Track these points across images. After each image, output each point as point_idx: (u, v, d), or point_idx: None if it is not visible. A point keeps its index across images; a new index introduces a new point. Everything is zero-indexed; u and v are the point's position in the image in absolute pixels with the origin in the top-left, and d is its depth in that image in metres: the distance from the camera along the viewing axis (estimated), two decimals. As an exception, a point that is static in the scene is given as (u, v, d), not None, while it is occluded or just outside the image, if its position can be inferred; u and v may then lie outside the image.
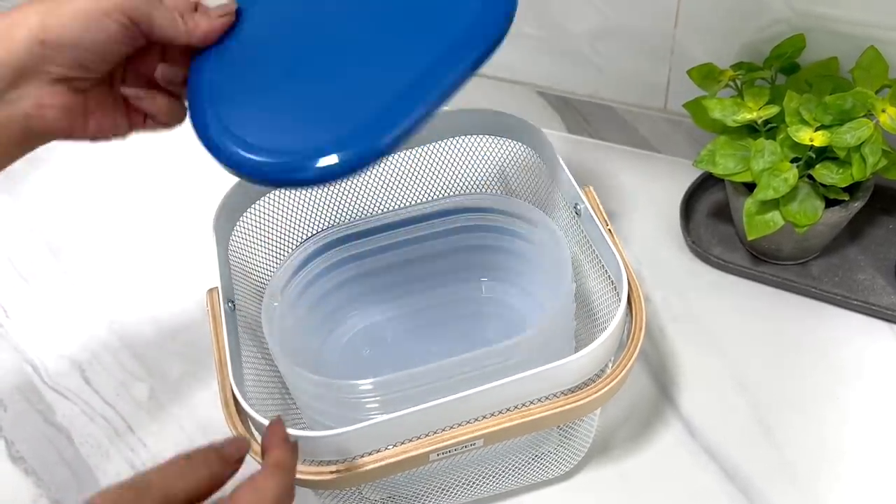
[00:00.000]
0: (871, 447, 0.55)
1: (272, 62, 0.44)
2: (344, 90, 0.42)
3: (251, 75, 0.43)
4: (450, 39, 0.43)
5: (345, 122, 0.41)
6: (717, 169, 0.59)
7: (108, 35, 0.40)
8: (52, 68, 0.40)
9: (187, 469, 0.36)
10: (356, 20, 0.45)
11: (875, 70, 0.56)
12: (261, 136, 0.41)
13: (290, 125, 0.41)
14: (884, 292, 0.61)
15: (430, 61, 0.42)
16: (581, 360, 0.44)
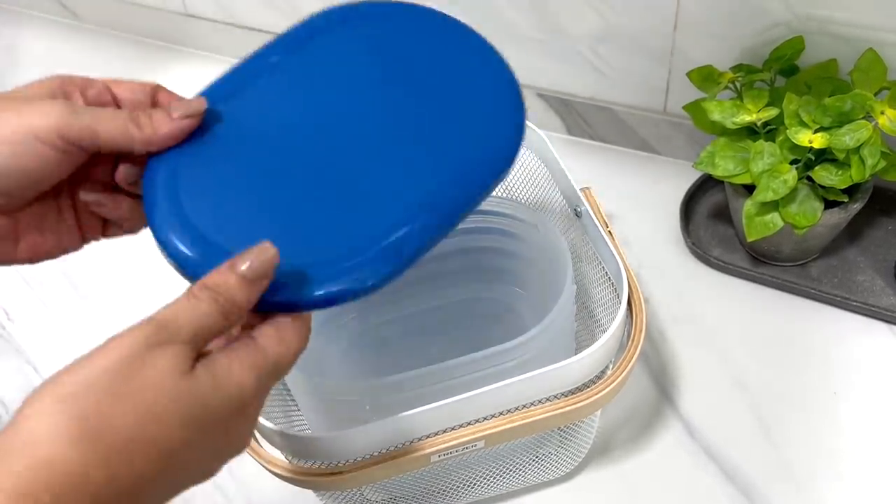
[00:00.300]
0: (871, 447, 0.55)
1: (245, 160, 0.37)
2: (327, 211, 0.36)
3: (219, 177, 0.37)
4: (455, 166, 0.38)
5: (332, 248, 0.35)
6: (716, 171, 0.59)
7: (41, 162, 0.33)
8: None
9: (204, 307, 0.31)
10: (352, 129, 0.38)
11: (874, 72, 0.57)
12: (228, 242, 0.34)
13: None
14: (883, 293, 0.62)
15: (430, 190, 0.37)
16: (582, 362, 0.44)
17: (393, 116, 0.39)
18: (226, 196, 0.36)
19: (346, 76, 0.40)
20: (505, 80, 0.40)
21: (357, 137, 0.38)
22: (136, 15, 0.92)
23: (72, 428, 0.27)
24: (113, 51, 0.94)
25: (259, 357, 0.31)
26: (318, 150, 0.38)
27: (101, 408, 0.28)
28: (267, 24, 0.85)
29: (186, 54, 0.92)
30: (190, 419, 0.29)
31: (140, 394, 0.29)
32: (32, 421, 0.28)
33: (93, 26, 0.96)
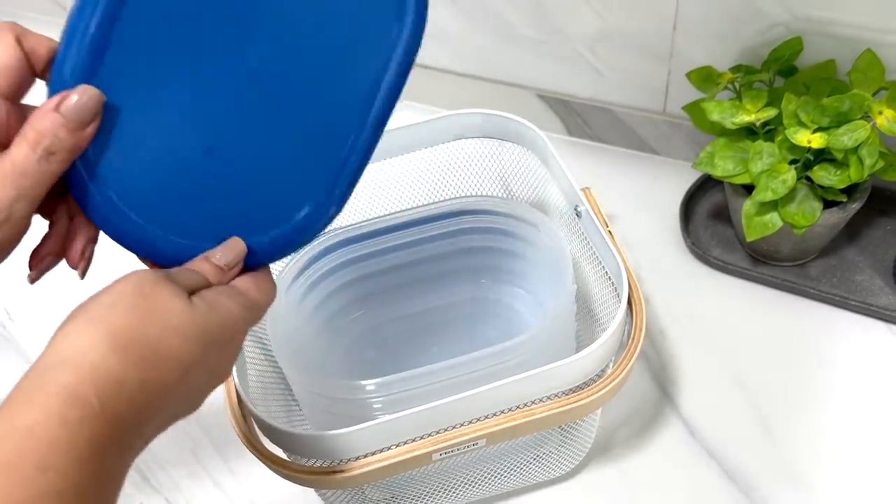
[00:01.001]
0: (870, 446, 0.55)
1: (155, 142, 0.35)
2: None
3: (144, 166, 0.35)
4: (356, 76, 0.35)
5: None
6: (715, 171, 0.59)
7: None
8: None
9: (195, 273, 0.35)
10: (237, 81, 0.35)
11: (872, 73, 0.57)
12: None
13: None
14: (882, 293, 0.62)
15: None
16: (582, 360, 0.45)
17: (273, 48, 0.36)
18: (161, 184, 0.36)
19: (206, 16, 0.36)
20: None
21: (243, 80, 0.36)
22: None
23: (107, 340, 0.31)
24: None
25: (241, 296, 0.35)
26: (223, 108, 0.36)
27: (129, 323, 0.31)
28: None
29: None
30: (197, 337, 0.33)
31: (159, 312, 0.32)
32: (71, 338, 0.31)
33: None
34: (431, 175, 0.60)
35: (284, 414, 0.51)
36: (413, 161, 0.59)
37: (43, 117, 0.32)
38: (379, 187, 0.61)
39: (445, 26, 0.74)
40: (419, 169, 0.60)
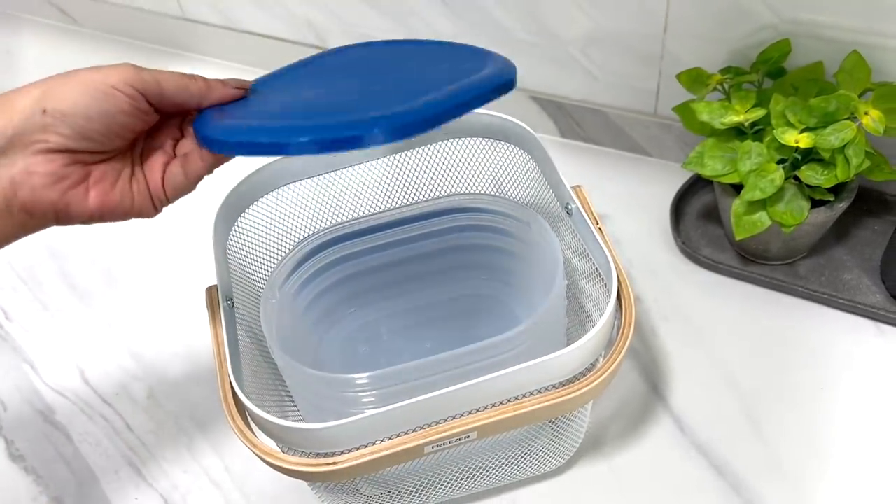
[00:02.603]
0: (858, 442, 0.56)
1: (281, 103, 0.46)
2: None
3: (263, 106, 0.45)
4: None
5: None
6: (705, 170, 0.60)
7: (115, 107, 0.40)
8: (51, 137, 0.38)
9: None
10: (369, 81, 0.47)
11: (858, 74, 0.58)
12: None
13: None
14: (869, 291, 0.63)
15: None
16: (572, 354, 0.45)
17: (402, 67, 0.47)
18: (263, 108, 0.45)
19: (358, 64, 0.49)
20: (494, 56, 0.48)
21: (373, 79, 0.47)
22: (134, 19, 0.93)
23: None
24: (111, 55, 0.94)
25: None
26: (340, 88, 0.46)
27: None
28: (263, 27, 0.86)
29: (184, 58, 0.93)
30: None
31: None
32: None
33: (91, 31, 0.97)
34: (426, 173, 0.61)
35: (278, 408, 0.52)
36: (408, 160, 0.60)
37: None
38: (373, 185, 0.61)
39: (439, 28, 0.75)
40: (414, 167, 0.61)
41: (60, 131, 0.39)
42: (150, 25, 0.92)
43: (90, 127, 0.39)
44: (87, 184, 0.41)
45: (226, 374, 0.47)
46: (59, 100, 0.38)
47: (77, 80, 0.39)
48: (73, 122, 0.39)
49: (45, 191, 0.39)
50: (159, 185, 0.44)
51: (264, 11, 0.84)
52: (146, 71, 0.41)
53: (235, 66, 0.90)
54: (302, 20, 0.83)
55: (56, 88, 0.39)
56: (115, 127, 0.40)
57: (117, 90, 0.39)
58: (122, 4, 0.92)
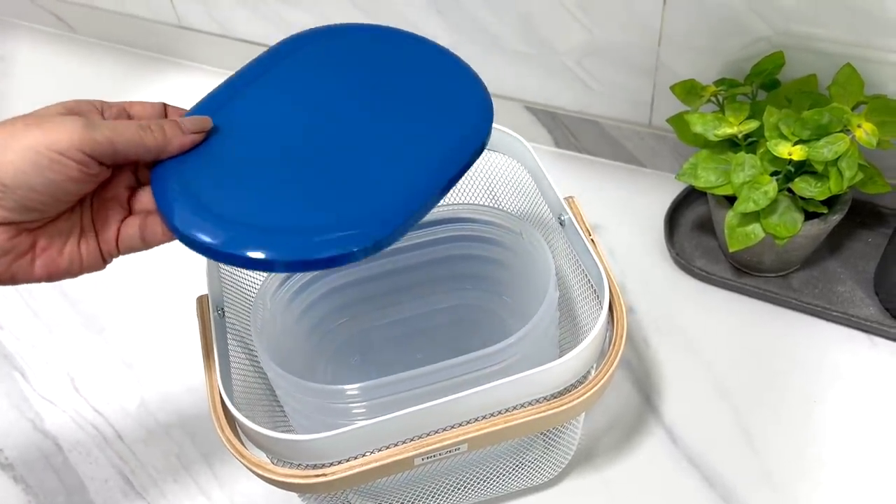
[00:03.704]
0: (850, 455, 0.56)
1: (247, 156, 0.42)
2: (332, 186, 0.41)
3: (225, 168, 0.42)
4: (433, 152, 0.44)
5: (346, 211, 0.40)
6: (698, 182, 0.60)
7: (62, 175, 0.36)
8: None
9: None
10: (337, 123, 0.44)
11: (851, 87, 0.58)
12: (244, 214, 0.39)
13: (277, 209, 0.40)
14: (862, 304, 0.63)
15: (415, 171, 0.43)
16: (563, 366, 0.45)
17: (373, 112, 0.45)
18: (230, 184, 0.41)
19: (325, 82, 0.46)
20: (468, 79, 0.47)
21: (343, 129, 0.44)
22: (130, 26, 0.93)
23: None
24: (107, 62, 0.95)
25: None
26: (307, 142, 0.43)
27: None
28: (259, 35, 0.86)
29: (180, 65, 0.93)
30: None
31: None
32: None
33: (87, 38, 0.98)
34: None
35: (269, 419, 0.52)
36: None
37: (166, 119, 0.41)
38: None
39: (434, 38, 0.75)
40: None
41: (3, 204, 0.35)
42: (146, 33, 0.93)
43: (34, 198, 0.36)
44: (34, 253, 0.38)
45: (215, 384, 0.46)
46: (0, 171, 0.35)
47: (20, 146, 0.35)
48: (15, 194, 0.35)
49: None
50: (112, 243, 0.41)
51: (260, 20, 0.84)
52: (96, 129, 0.37)
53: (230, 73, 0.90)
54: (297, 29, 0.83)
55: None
56: (61, 194, 0.37)
57: (65, 156, 0.35)
58: (118, 12, 0.92)
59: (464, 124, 0.45)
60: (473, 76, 0.48)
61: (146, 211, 0.41)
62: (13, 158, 0.35)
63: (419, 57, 0.48)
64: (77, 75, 0.94)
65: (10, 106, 0.92)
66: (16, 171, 0.35)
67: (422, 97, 0.46)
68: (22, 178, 0.35)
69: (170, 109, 0.43)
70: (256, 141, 0.43)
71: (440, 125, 0.45)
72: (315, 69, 0.47)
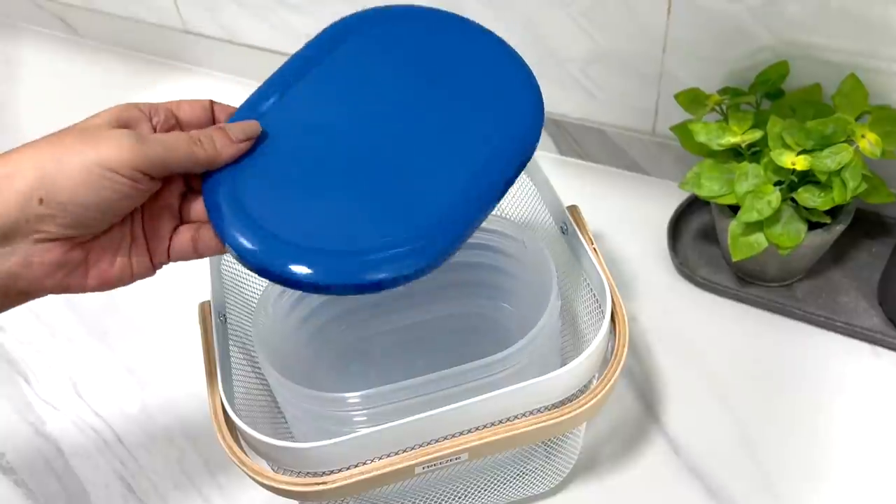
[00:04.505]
0: (853, 466, 0.55)
1: (295, 164, 0.42)
2: (384, 201, 0.41)
3: (275, 178, 0.41)
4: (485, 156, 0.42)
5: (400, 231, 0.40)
6: (702, 191, 0.60)
7: (116, 193, 0.36)
8: (49, 227, 0.36)
9: None
10: (388, 124, 0.43)
11: (855, 97, 0.58)
12: (305, 239, 0.39)
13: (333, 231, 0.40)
14: (866, 314, 0.62)
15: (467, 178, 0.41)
16: (565, 375, 0.45)
17: (423, 111, 0.43)
18: (281, 195, 0.41)
19: (375, 75, 0.44)
20: (520, 71, 0.45)
21: (393, 131, 0.42)
22: (135, 31, 0.93)
23: None
24: (112, 66, 0.95)
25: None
26: (356, 143, 0.42)
27: None
28: (264, 41, 0.86)
29: (185, 70, 0.93)
30: None
31: None
32: None
33: (92, 42, 0.98)
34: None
35: (270, 426, 0.52)
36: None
37: (214, 126, 0.41)
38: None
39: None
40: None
41: (59, 221, 0.36)
42: (152, 37, 0.93)
43: (88, 215, 0.36)
44: (87, 266, 0.38)
45: (216, 390, 0.46)
46: (55, 189, 0.35)
47: (73, 165, 0.35)
48: (71, 212, 0.36)
49: (44, 279, 0.37)
50: (164, 251, 0.41)
51: (265, 25, 0.84)
52: (149, 144, 0.37)
53: (235, 78, 0.90)
54: (302, 34, 0.83)
55: (51, 174, 0.35)
56: (113, 210, 0.37)
57: (118, 174, 0.36)
58: (123, 16, 0.93)
59: (516, 126, 0.43)
60: (527, 71, 0.46)
61: (199, 221, 0.41)
62: (68, 177, 0.35)
63: (469, 44, 0.46)
64: (82, 79, 0.94)
65: (16, 109, 0.92)
66: (72, 190, 0.35)
67: (474, 93, 0.44)
68: (78, 197, 0.35)
69: (217, 108, 0.43)
70: (305, 143, 0.42)
71: (493, 127, 0.43)
72: (363, 60, 0.45)
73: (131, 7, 0.91)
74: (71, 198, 0.35)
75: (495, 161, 0.42)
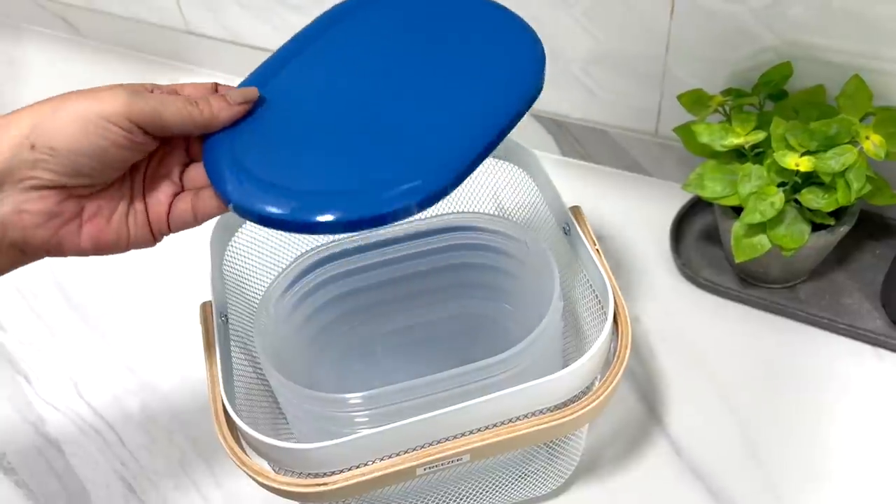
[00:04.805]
0: (856, 468, 0.55)
1: (296, 124, 0.43)
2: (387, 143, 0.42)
3: (276, 138, 0.42)
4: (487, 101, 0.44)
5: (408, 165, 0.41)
6: (705, 192, 0.60)
7: (109, 141, 0.37)
8: (41, 174, 0.36)
9: None
10: (388, 84, 0.44)
11: (859, 98, 0.58)
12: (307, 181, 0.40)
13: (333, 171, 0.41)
14: (869, 316, 0.62)
15: (469, 119, 0.43)
16: (568, 377, 0.45)
17: (422, 66, 0.45)
18: (284, 151, 0.42)
19: (374, 44, 0.46)
20: (514, 23, 0.47)
21: (395, 85, 0.44)
22: (137, 31, 0.93)
23: None
24: (114, 66, 0.95)
25: None
26: (357, 103, 0.44)
27: None
28: (266, 42, 0.86)
29: (187, 71, 0.93)
30: None
31: None
32: None
33: (94, 42, 0.98)
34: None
35: (271, 427, 0.52)
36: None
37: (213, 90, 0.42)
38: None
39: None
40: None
41: (51, 168, 0.36)
42: (154, 38, 0.93)
43: (82, 162, 0.37)
44: (81, 220, 0.38)
45: (217, 391, 0.46)
46: (48, 135, 0.36)
47: (68, 112, 0.36)
48: (64, 158, 0.36)
49: (36, 230, 0.37)
50: (163, 217, 0.41)
51: (267, 26, 0.84)
52: (143, 99, 0.38)
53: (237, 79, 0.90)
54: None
55: (46, 121, 0.36)
56: (109, 160, 0.38)
57: (112, 123, 0.37)
58: (125, 16, 0.93)
59: (516, 72, 0.45)
60: (521, 23, 0.48)
61: (198, 187, 0.42)
62: (62, 123, 0.36)
63: (464, 9, 0.48)
64: (85, 79, 0.94)
65: (17, 109, 0.92)
66: (65, 135, 0.36)
67: (471, 48, 0.46)
68: (70, 143, 0.36)
69: (221, 88, 0.44)
70: (306, 107, 0.44)
71: (492, 75, 0.45)
72: (362, 33, 0.47)
73: (133, 7, 0.91)
74: (64, 143, 0.36)
75: (497, 98, 0.44)
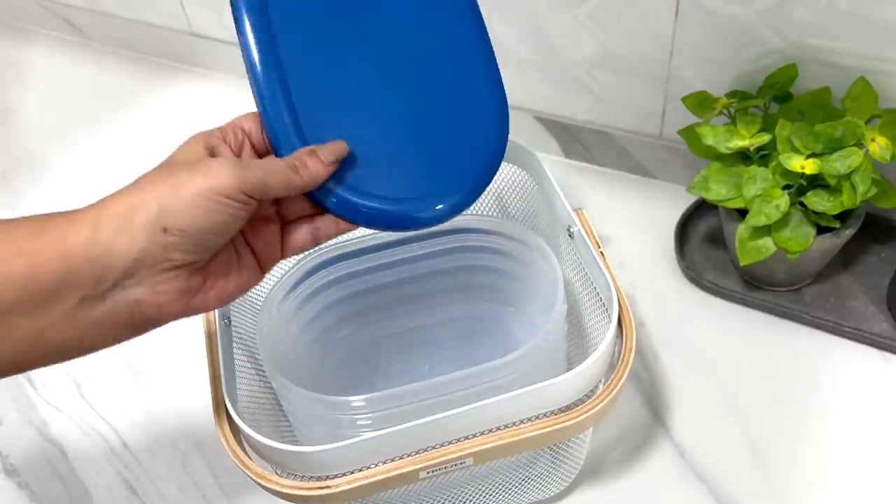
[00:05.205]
0: (861, 473, 0.55)
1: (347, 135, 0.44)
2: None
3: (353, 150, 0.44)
4: None
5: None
6: (709, 195, 0.59)
7: (230, 216, 0.39)
8: (174, 255, 0.38)
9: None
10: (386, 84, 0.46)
11: (865, 100, 0.57)
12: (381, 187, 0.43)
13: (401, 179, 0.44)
14: (875, 319, 0.62)
15: None
16: (572, 379, 0.45)
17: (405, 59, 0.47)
18: (362, 163, 0.44)
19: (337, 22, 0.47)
20: None
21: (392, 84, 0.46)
22: (141, 33, 0.93)
23: None
24: (118, 68, 0.95)
25: None
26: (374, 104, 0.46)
27: None
28: (270, 44, 0.86)
29: (191, 73, 0.93)
30: None
31: None
32: None
33: (99, 44, 0.98)
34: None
35: (274, 429, 0.51)
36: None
37: (306, 149, 0.43)
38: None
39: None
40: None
41: (182, 248, 0.38)
42: (158, 40, 0.93)
43: (209, 238, 0.39)
44: (205, 287, 0.40)
45: (220, 393, 0.46)
46: (177, 217, 0.38)
47: (188, 193, 0.38)
48: (193, 237, 0.38)
49: (171, 306, 0.39)
50: (277, 255, 0.44)
51: (271, 28, 0.84)
52: (251, 171, 0.39)
53: (242, 81, 0.90)
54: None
55: (171, 204, 0.38)
56: (227, 231, 0.40)
57: (229, 198, 0.38)
58: (129, 18, 0.93)
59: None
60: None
61: (296, 216, 0.44)
62: (186, 205, 0.38)
63: None
64: (89, 81, 0.94)
65: (24, 111, 0.92)
66: (191, 216, 0.38)
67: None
68: (197, 223, 0.38)
69: (310, 147, 0.45)
70: (346, 117, 0.45)
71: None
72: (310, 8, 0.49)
73: (138, 9, 0.91)
74: (191, 224, 0.38)
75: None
